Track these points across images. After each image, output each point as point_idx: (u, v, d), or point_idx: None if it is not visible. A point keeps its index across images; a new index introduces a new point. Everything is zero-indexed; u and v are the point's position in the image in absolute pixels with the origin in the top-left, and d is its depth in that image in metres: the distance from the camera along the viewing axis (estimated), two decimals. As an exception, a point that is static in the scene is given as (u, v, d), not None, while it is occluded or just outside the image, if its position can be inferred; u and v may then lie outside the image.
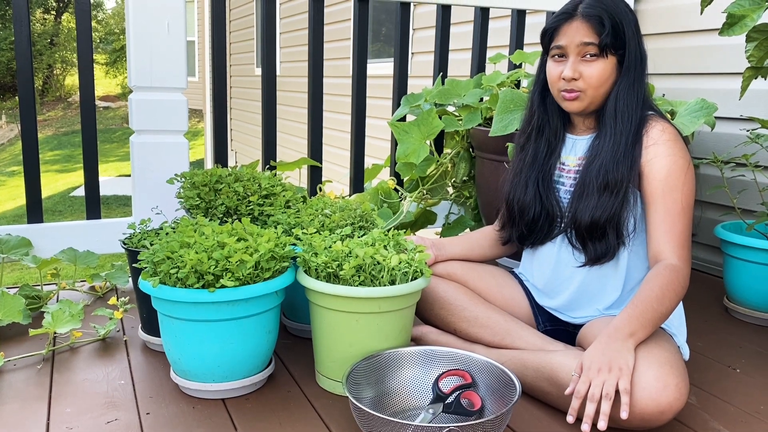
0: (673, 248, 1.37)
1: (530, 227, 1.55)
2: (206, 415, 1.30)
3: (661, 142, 1.40)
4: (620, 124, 1.42)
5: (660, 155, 1.39)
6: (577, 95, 1.43)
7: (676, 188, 1.38)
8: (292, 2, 7.01)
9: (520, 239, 1.59)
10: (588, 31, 1.40)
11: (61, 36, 18.15)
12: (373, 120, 2.99)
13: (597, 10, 1.40)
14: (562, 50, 1.44)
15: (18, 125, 12.88)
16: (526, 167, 1.55)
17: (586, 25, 1.40)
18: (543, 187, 1.52)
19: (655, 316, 1.29)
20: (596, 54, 1.40)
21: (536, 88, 1.57)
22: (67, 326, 1.57)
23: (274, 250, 1.35)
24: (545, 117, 1.54)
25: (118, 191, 8.38)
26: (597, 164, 1.43)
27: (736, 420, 1.35)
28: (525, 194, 1.53)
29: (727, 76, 2.39)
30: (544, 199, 1.52)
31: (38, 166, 2.02)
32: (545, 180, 1.53)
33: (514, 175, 1.58)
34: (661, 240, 1.38)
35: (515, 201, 1.56)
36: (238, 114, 9.33)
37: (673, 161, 1.39)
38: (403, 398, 1.33)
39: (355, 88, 2.40)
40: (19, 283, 1.87)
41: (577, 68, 1.42)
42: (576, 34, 1.41)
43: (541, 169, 1.53)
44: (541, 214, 1.52)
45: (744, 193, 2.22)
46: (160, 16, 1.98)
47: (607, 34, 1.39)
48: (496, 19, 3.03)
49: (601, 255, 1.44)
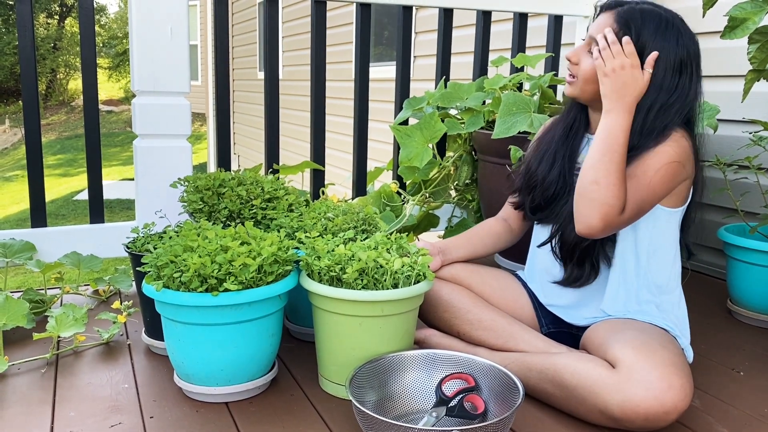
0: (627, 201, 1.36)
1: (548, 201, 1.54)
2: (210, 419, 1.30)
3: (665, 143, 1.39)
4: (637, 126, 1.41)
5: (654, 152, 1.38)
6: (572, 80, 1.47)
7: (650, 167, 1.37)
8: (295, 6, 7.03)
9: (533, 209, 1.58)
10: (607, 23, 1.41)
11: (65, 40, 18.21)
12: (375, 123, 3.00)
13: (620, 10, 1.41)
14: (589, 39, 1.45)
15: (21, 129, 12.87)
16: (555, 142, 1.55)
17: (609, 17, 1.41)
18: (568, 168, 1.52)
19: (622, 154, 1.34)
20: None
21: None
22: (71, 330, 1.57)
23: (277, 253, 1.36)
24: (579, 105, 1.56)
25: (122, 195, 8.40)
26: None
27: (740, 423, 1.35)
28: (552, 169, 1.53)
29: (729, 78, 2.38)
30: (567, 180, 1.51)
31: (42, 170, 2.03)
32: (572, 162, 1.53)
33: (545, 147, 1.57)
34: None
35: (539, 173, 1.55)
36: (240, 118, 9.35)
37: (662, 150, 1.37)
38: (407, 401, 1.33)
39: (357, 92, 2.40)
40: (22, 288, 1.88)
41: (579, 55, 1.44)
42: (598, 26, 1.43)
43: (569, 145, 1.54)
44: (562, 193, 1.52)
45: (747, 195, 2.22)
46: (163, 20, 1.98)
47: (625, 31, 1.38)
48: (498, 23, 3.04)
49: (575, 279, 1.48)
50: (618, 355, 1.25)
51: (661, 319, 1.43)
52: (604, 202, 1.32)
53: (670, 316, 1.45)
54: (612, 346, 1.29)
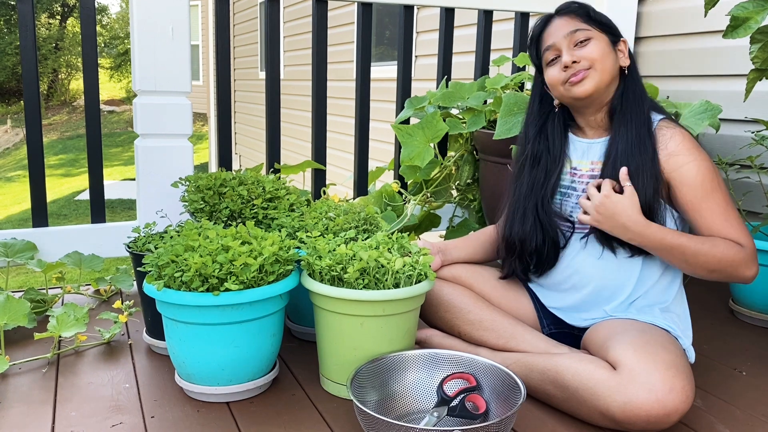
0: (737, 237, 1.38)
1: (536, 257, 1.52)
2: (211, 419, 1.30)
3: (683, 151, 1.40)
4: (632, 117, 1.44)
5: (686, 164, 1.39)
6: (584, 74, 1.42)
7: (715, 189, 1.39)
8: (296, 6, 7.03)
9: (524, 272, 1.56)
10: (571, 20, 1.45)
11: (66, 40, 18.22)
12: (376, 123, 3.00)
13: (573, 6, 1.47)
14: (554, 49, 1.45)
15: (23, 129, 12.89)
16: (522, 198, 1.53)
17: (567, 17, 1.46)
18: (543, 212, 1.50)
19: (687, 244, 1.36)
20: (587, 37, 1.43)
21: (531, 117, 1.56)
22: (72, 330, 1.57)
23: (278, 253, 1.36)
24: (545, 144, 1.53)
25: (123, 195, 8.41)
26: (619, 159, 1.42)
27: (743, 423, 1.34)
28: (524, 224, 1.51)
29: (731, 77, 2.38)
30: (545, 225, 1.49)
31: (43, 170, 2.03)
32: (544, 205, 1.51)
33: (511, 210, 1.56)
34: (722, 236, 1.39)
35: (515, 235, 1.52)
36: (242, 117, 9.35)
37: (702, 165, 1.39)
38: (408, 401, 1.33)
39: (358, 92, 2.40)
40: (24, 287, 1.88)
41: (574, 53, 1.43)
42: (561, 28, 1.45)
43: (538, 195, 1.52)
44: (545, 242, 1.50)
45: (749, 195, 2.21)
46: (164, 20, 1.98)
47: (594, 17, 1.45)
48: (500, 22, 3.04)
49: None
50: (619, 357, 1.25)
51: (662, 320, 1.42)
52: (732, 269, 1.36)
53: (672, 317, 1.45)
54: (613, 347, 1.29)
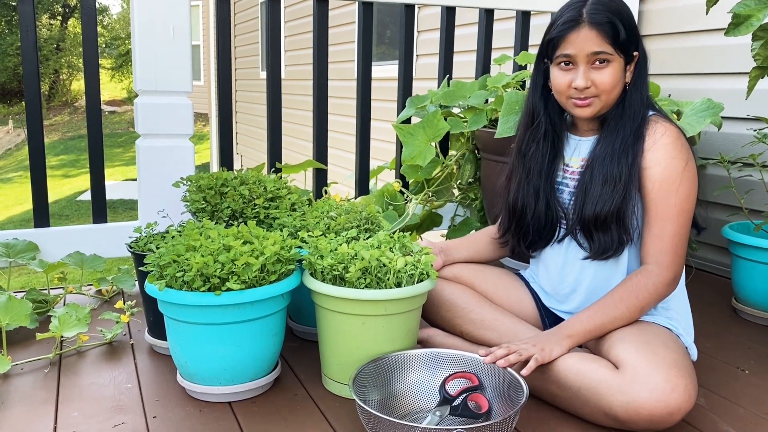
0: (656, 253, 1.37)
1: (540, 232, 1.54)
2: (213, 419, 1.30)
3: (659, 146, 1.38)
4: (625, 123, 1.41)
5: (658, 160, 1.38)
6: (590, 102, 1.41)
7: (670, 192, 1.37)
8: (297, 5, 7.03)
9: (528, 246, 1.57)
10: (598, 39, 1.35)
11: (67, 41, 18.24)
12: (377, 122, 3.00)
13: (606, 16, 1.35)
14: (570, 59, 1.39)
15: (24, 130, 12.90)
16: (535, 175, 1.53)
17: (595, 33, 1.35)
18: (550, 192, 1.52)
19: (606, 320, 1.35)
20: (607, 60, 1.37)
21: (535, 95, 1.52)
22: (74, 330, 1.57)
23: (279, 252, 1.35)
24: (550, 122, 1.52)
25: (124, 195, 8.41)
26: (598, 161, 1.42)
27: (746, 421, 1.34)
28: (537, 202, 1.51)
29: (733, 75, 2.38)
30: (551, 204, 1.51)
31: (45, 171, 2.03)
32: (551, 184, 1.52)
33: (519, 182, 1.55)
34: (647, 244, 1.39)
35: (526, 209, 1.53)
36: (243, 117, 9.35)
37: (668, 164, 1.37)
38: (410, 401, 1.32)
39: (360, 91, 2.40)
40: (26, 288, 1.88)
41: (589, 76, 1.38)
42: (586, 44, 1.36)
43: (547, 174, 1.52)
44: (549, 219, 1.52)
45: (751, 193, 2.21)
46: (164, 20, 1.98)
47: (621, 40, 1.36)
48: (501, 21, 3.03)
49: (606, 248, 1.42)
50: (621, 356, 1.25)
51: (664, 318, 1.42)
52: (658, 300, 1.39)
53: (673, 315, 1.44)
54: (615, 346, 1.29)
